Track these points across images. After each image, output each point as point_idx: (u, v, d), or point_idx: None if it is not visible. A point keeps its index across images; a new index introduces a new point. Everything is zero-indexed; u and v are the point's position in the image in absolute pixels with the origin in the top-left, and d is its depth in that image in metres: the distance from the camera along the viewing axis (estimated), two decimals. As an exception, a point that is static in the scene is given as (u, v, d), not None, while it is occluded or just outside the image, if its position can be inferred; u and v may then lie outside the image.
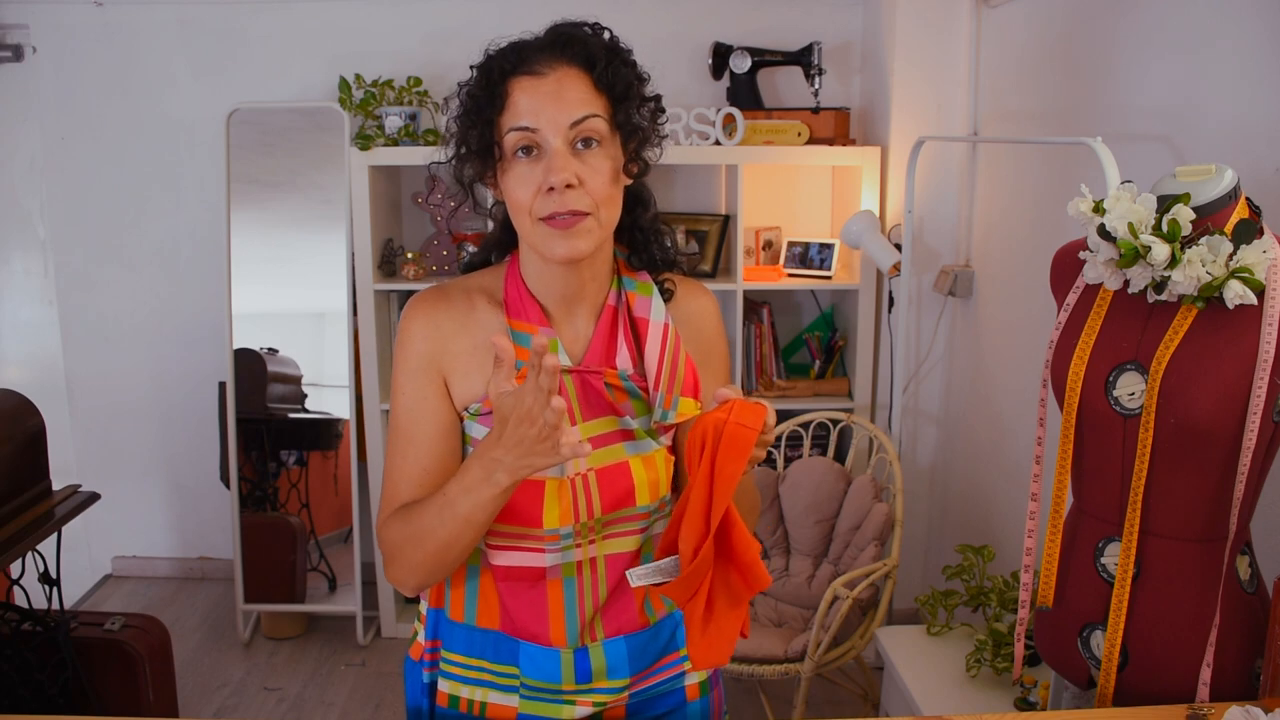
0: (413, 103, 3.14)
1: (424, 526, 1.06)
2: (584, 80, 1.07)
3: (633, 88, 1.11)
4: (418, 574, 1.10)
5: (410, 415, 1.14)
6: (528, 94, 1.06)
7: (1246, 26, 1.81)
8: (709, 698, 1.30)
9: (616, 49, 1.11)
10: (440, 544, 1.06)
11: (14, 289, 3.56)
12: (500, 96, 1.07)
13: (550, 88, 1.05)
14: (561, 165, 1.04)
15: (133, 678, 2.28)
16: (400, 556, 1.10)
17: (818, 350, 3.34)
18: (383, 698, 2.94)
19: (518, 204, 1.08)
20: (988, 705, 2.13)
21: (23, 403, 2.22)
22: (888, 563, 2.50)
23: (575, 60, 1.07)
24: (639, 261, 1.22)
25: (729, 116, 3.02)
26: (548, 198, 1.05)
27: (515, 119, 1.06)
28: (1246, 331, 1.30)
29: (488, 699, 1.21)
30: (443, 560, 1.08)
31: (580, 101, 1.06)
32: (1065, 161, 2.45)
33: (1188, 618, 1.38)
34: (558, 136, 1.05)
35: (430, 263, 3.17)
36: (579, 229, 1.06)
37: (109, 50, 3.33)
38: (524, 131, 1.05)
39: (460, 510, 1.03)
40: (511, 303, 1.16)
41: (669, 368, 1.16)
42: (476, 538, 1.06)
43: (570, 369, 1.14)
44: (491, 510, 1.03)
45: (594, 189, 1.06)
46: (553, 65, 1.06)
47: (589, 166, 1.06)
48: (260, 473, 3.27)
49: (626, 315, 1.18)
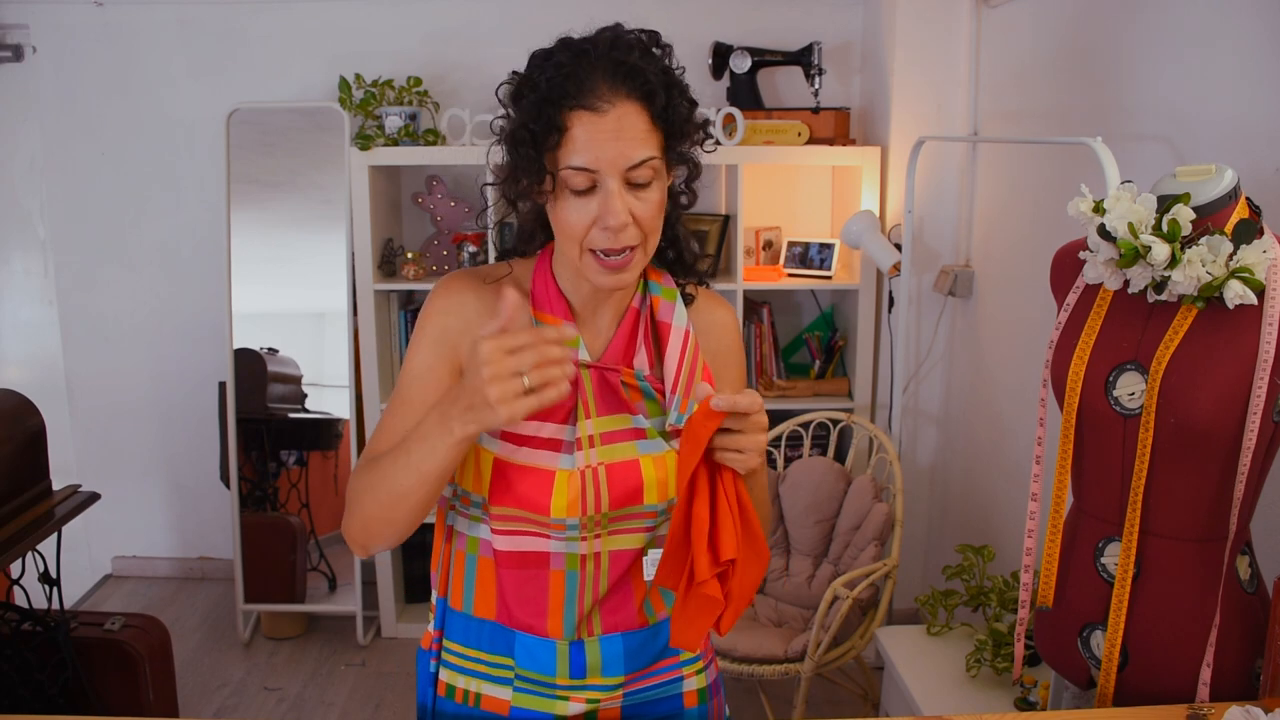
0: (413, 103, 3.14)
1: (379, 474, 1.05)
2: (643, 117, 1.06)
3: (689, 122, 1.12)
4: (367, 527, 1.09)
5: (414, 380, 1.14)
6: (587, 131, 1.04)
7: (1247, 26, 1.81)
8: (708, 705, 1.29)
9: (672, 77, 1.10)
10: (391, 495, 1.04)
11: (14, 289, 3.57)
12: (557, 130, 1.05)
13: (611, 126, 1.04)
14: (619, 208, 1.05)
15: (133, 678, 2.28)
16: (355, 506, 1.09)
17: (818, 350, 3.34)
18: (383, 698, 2.94)
19: (569, 233, 1.08)
20: (988, 705, 2.13)
21: (23, 403, 2.22)
22: (888, 563, 2.50)
23: (635, 93, 1.05)
24: (661, 263, 1.23)
25: (729, 116, 3.02)
26: (602, 234, 1.06)
27: (573, 156, 1.05)
28: (1246, 331, 1.30)
29: (482, 690, 1.22)
30: (391, 516, 1.06)
31: (638, 141, 1.05)
32: (1065, 161, 2.45)
33: (1188, 618, 1.38)
34: (615, 177, 1.05)
35: (430, 263, 3.17)
36: (629, 265, 1.09)
37: (109, 50, 3.33)
38: (582, 171, 1.05)
39: (413, 458, 1.01)
40: (539, 295, 1.17)
41: (687, 372, 1.18)
42: (428, 495, 1.04)
43: (589, 364, 1.16)
44: (444, 462, 1.01)
45: (644, 220, 1.07)
46: (612, 100, 1.04)
47: (642, 201, 1.07)
48: (260, 473, 3.28)
49: (649, 318, 1.20)
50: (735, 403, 1.01)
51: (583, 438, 1.13)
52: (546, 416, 1.13)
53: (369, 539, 1.10)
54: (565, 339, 0.95)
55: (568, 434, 1.14)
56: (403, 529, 1.08)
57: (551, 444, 1.13)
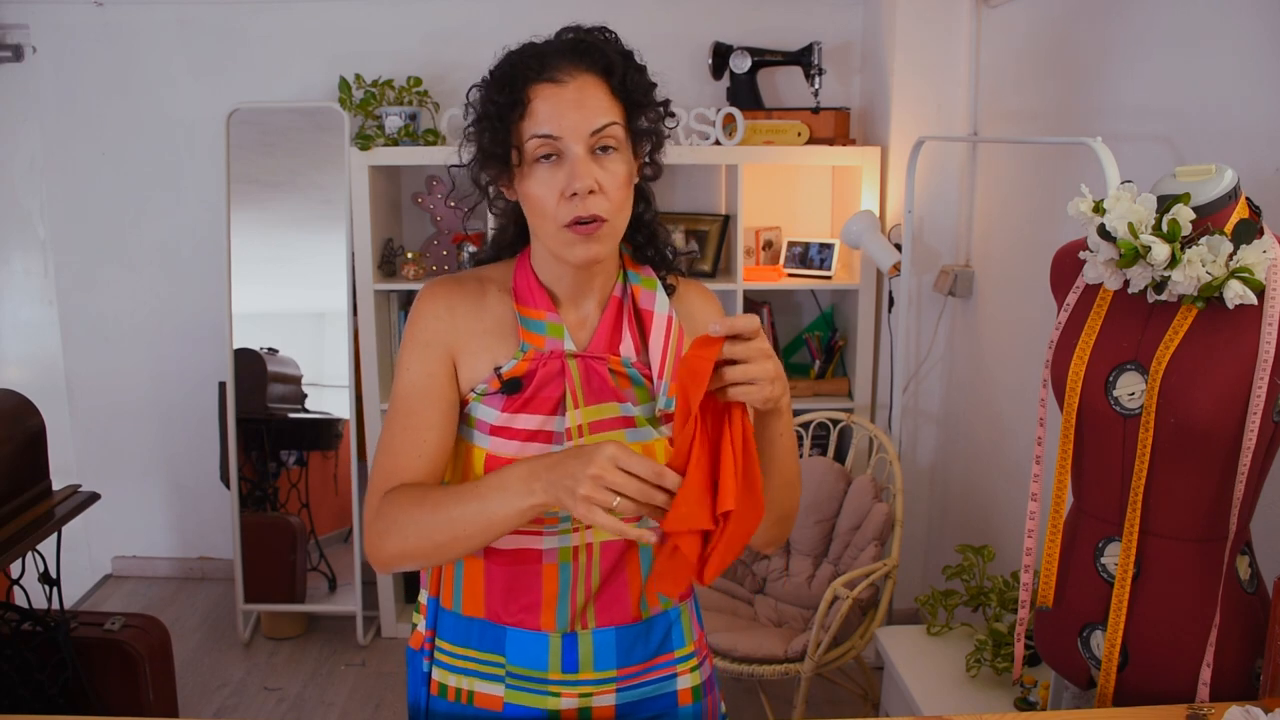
0: (413, 103, 3.14)
1: (440, 511, 1.06)
2: (603, 88, 1.10)
3: (648, 94, 1.15)
4: (408, 555, 1.09)
5: (416, 390, 1.15)
6: (549, 101, 1.08)
7: (1246, 26, 1.81)
8: (702, 703, 1.29)
9: (630, 57, 1.14)
10: (453, 535, 1.05)
11: (14, 289, 3.56)
12: (521, 103, 1.09)
13: (571, 95, 1.08)
14: (585, 172, 1.07)
15: (133, 678, 2.28)
16: (395, 532, 1.09)
17: (818, 350, 3.34)
18: (383, 698, 2.94)
19: (539, 208, 1.11)
20: (988, 705, 2.13)
21: (23, 403, 2.22)
22: (888, 563, 2.50)
23: (594, 68, 1.10)
24: (640, 257, 1.25)
25: (729, 116, 3.02)
26: (570, 203, 1.08)
27: (537, 126, 1.08)
28: (1246, 331, 1.30)
29: (475, 688, 1.22)
30: (445, 552, 1.08)
31: (600, 109, 1.09)
32: (1065, 161, 2.45)
33: (1188, 618, 1.38)
34: (579, 143, 1.08)
35: (430, 263, 3.17)
36: (599, 235, 1.10)
37: (109, 50, 3.33)
38: (546, 139, 1.08)
39: (488, 505, 1.03)
40: (521, 290, 1.19)
41: (673, 357, 1.19)
42: (485, 542, 1.06)
43: (575, 354, 1.17)
44: (513, 519, 1.02)
45: (611, 194, 1.10)
46: (573, 73, 1.09)
47: (607, 172, 1.09)
48: (260, 473, 3.27)
49: (632, 306, 1.21)
50: (733, 324, 0.99)
51: (572, 428, 1.13)
52: (535, 409, 1.14)
53: (401, 562, 1.11)
54: (673, 486, 0.96)
55: (557, 425, 1.14)
56: (443, 560, 1.10)
57: (542, 435, 1.14)
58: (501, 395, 1.15)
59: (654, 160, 1.19)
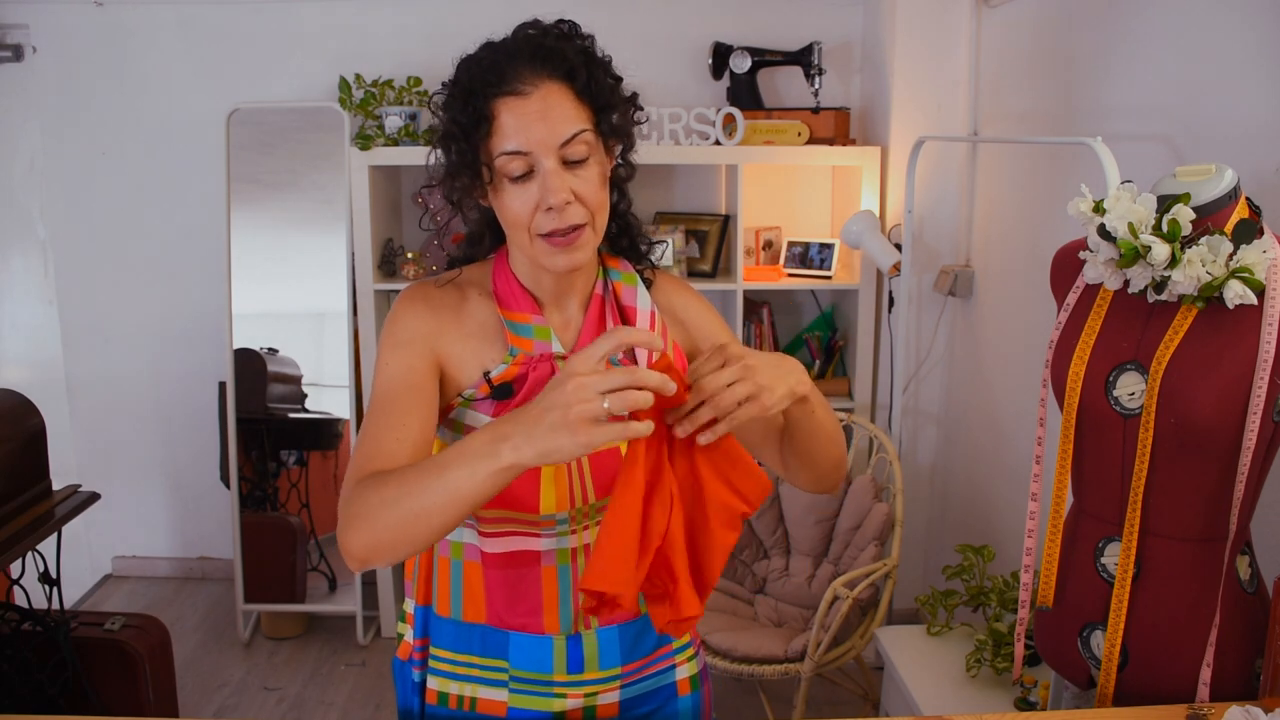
0: (413, 103, 3.14)
1: (402, 489, 0.96)
2: (567, 94, 1.07)
3: (615, 94, 1.12)
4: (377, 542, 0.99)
5: (395, 384, 1.10)
6: (514, 115, 1.05)
7: (1246, 26, 1.81)
8: (699, 693, 1.31)
9: (592, 55, 1.11)
10: (415, 511, 0.95)
11: (14, 289, 3.56)
12: (486, 120, 1.06)
13: (536, 107, 1.05)
14: (558, 185, 1.05)
15: (133, 678, 2.28)
16: (361, 520, 1.00)
17: (818, 350, 3.34)
18: (383, 698, 2.94)
19: (515, 221, 1.08)
20: (988, 705, 2.13)
21: (23, 403, 2.22)
22: (888, 563, 2.50)
23: (556, 73, 1.06)
24: (614, 249, 1.24)
25: (729, 116, 3.02)
26: (546, 216, 1.06)
27: (505, 143, 1.05)
28: (1246, 331, 1.30)
29: (477, 694, 1.22)
30: (409, 532, 0.97)
31: (567, 118, 1.06)
32: (1065, 161, 2.44)
33: (1188, 618, 1.38)
34: (549, 156, 1.05)
35: (430, 263, 3.17)
36: (580, 242, 1.08)
37: (109, 50, 3.33)
38: (515, 155, 1.05)
39: (449, 476, 0.93)
40: (502, 294, 1.17)
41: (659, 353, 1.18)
42: (453, 519, 0.96)
43: (563, 355, 1.16)
44: (481, 488, 0.93)
45: (587, 199, 1.07)
46: (535, 82, 1.05)
47: (581, 179, 1.07)
48: (260, 473, 3.27)
49: (614, 303, 1.20)
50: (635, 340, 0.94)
51: None
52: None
53: (373, 554, 1.00)
54: (665, 388, 0.91)
55: None
56: (415, 549, 1.00)
57: None
58: (492, 400, 1.13)
59: (627, 160, 1.17)
